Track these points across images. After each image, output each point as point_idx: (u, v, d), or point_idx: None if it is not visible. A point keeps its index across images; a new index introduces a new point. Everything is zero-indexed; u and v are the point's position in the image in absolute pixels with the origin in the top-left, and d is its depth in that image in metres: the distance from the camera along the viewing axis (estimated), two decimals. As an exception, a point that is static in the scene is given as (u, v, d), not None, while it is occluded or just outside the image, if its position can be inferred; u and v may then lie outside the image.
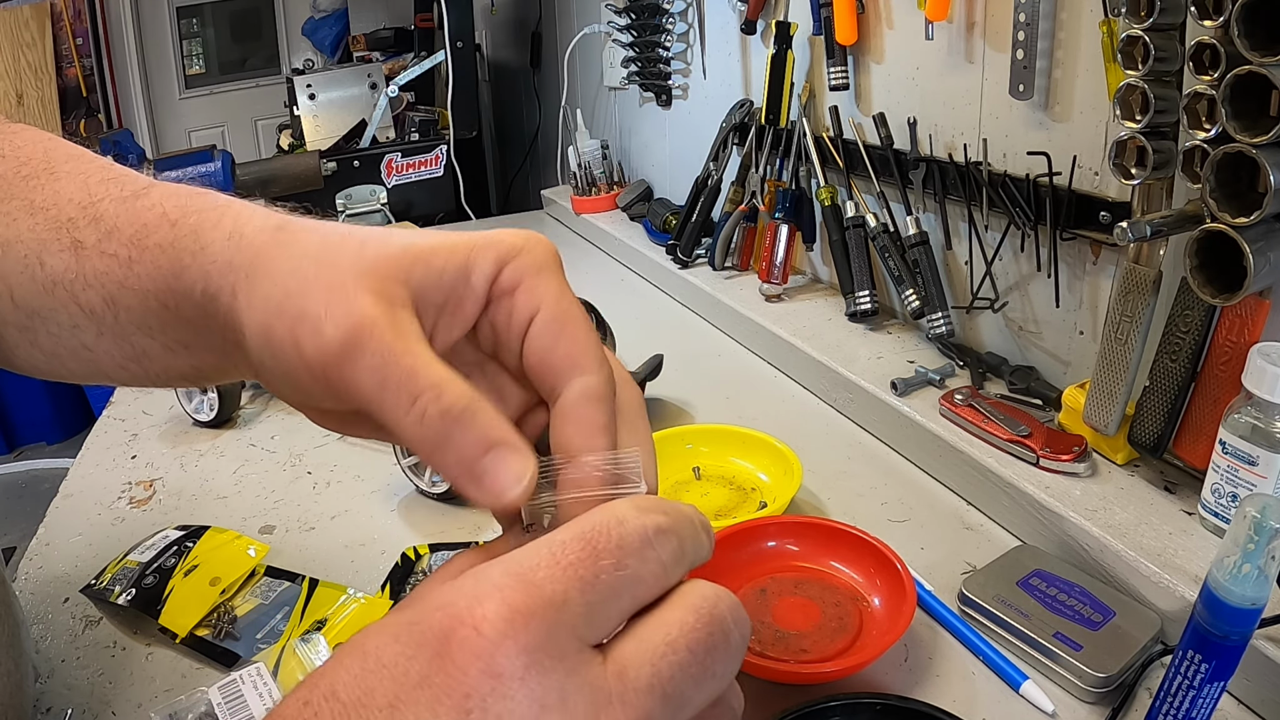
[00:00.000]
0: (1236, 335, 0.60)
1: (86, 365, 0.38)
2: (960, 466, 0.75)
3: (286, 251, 0.32)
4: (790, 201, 1.10)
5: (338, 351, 0.28)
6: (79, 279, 0.35)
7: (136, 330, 0.36)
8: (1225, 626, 0.41)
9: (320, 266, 0.30)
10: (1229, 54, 0.52)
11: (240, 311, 0.31)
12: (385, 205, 1.82)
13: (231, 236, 0.33)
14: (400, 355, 0.28)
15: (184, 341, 0.36)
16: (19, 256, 0.36)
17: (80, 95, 3.04)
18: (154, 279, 0.34)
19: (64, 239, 0.36)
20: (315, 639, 0.61)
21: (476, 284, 0.32)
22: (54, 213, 0.36)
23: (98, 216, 0.36)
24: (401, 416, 0.28)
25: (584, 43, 1.74)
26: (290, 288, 0.30)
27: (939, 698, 0.54)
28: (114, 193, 0.36)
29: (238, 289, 0.32)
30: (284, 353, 0.30)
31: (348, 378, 0.29)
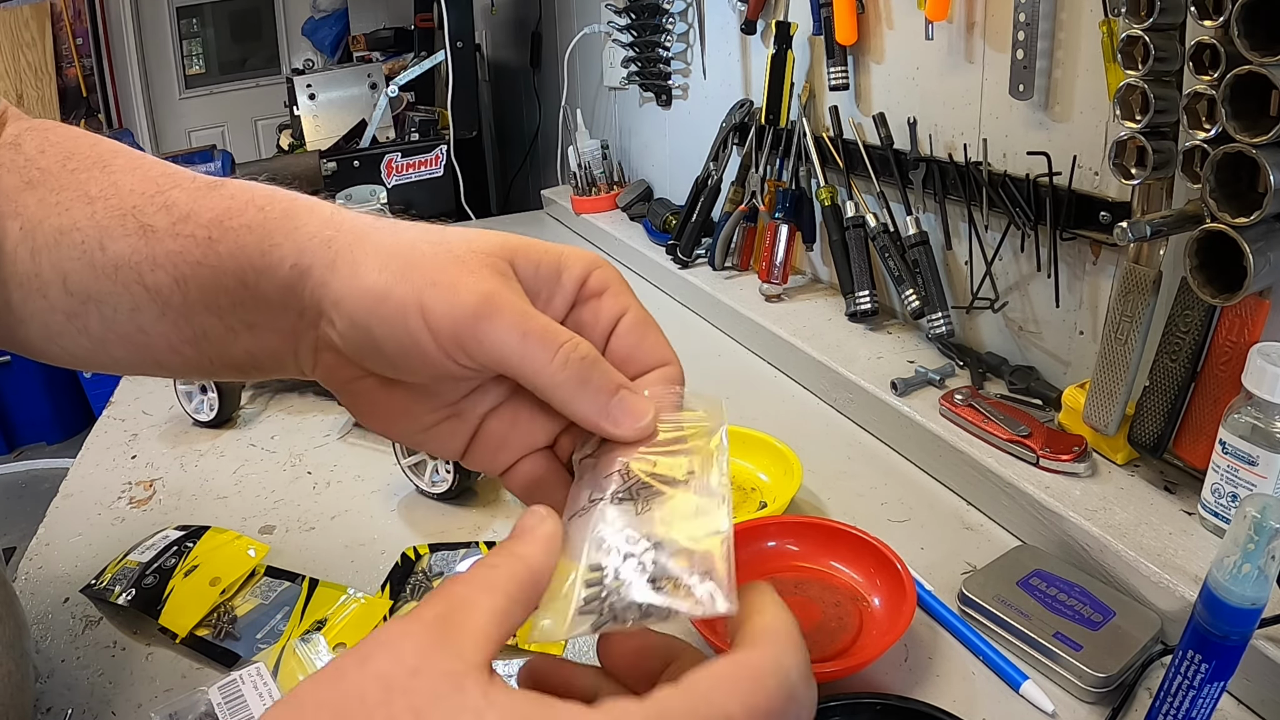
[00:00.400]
0: (1236, 335, 0.60)
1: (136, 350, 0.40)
2: (960, 466, 0.75)
3: (393, 235, 0.34)
4: (790, 201, 1.10)
5: (475, 311, 0.31)
6: (147, 260, 0.37)
7: (204, 310, 0.37)
8: (1225, 626, 0.41)
9: (434, 246, 0.33)
10: (1229, 54, 0.52)
11: (341, 282, 0.33)
12: (385, 205, 1.81)
13: (330, 221, 0.35)
14: (535, 314, 0.32)
15: (250, 322, 0.37)
16: (76, 243, 0.38)
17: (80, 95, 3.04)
18: (236, 257, 0.36)
19: (129, 224, 0.37)
20: (315, 639, 0.61)
21: (567, 283, 0.36)
22: (114, 202, 0.38)
23: (168, 204, 0.37)
24: (546, 363, 0.31)
25: (584, 43, 1.74)
26: (411, 260, 0.33)
27: (939, 698, 0.54)
28: (183, 183, 0.39)
29: (338, 262, 0.34)
30: (401, 319, 0.32)
31: (484, 335, 0.31)
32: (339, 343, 0.34)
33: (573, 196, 1.66)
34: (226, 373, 0.40)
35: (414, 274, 0.32)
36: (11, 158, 0.41)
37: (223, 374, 0.41)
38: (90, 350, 0.40)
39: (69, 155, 0.41)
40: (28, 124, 0.43)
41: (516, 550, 0.29)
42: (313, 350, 0.37)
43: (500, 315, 0.32)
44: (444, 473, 0.77)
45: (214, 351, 0.39)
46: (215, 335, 0.38)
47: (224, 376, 0.42)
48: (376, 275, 0.33)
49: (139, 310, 0.38)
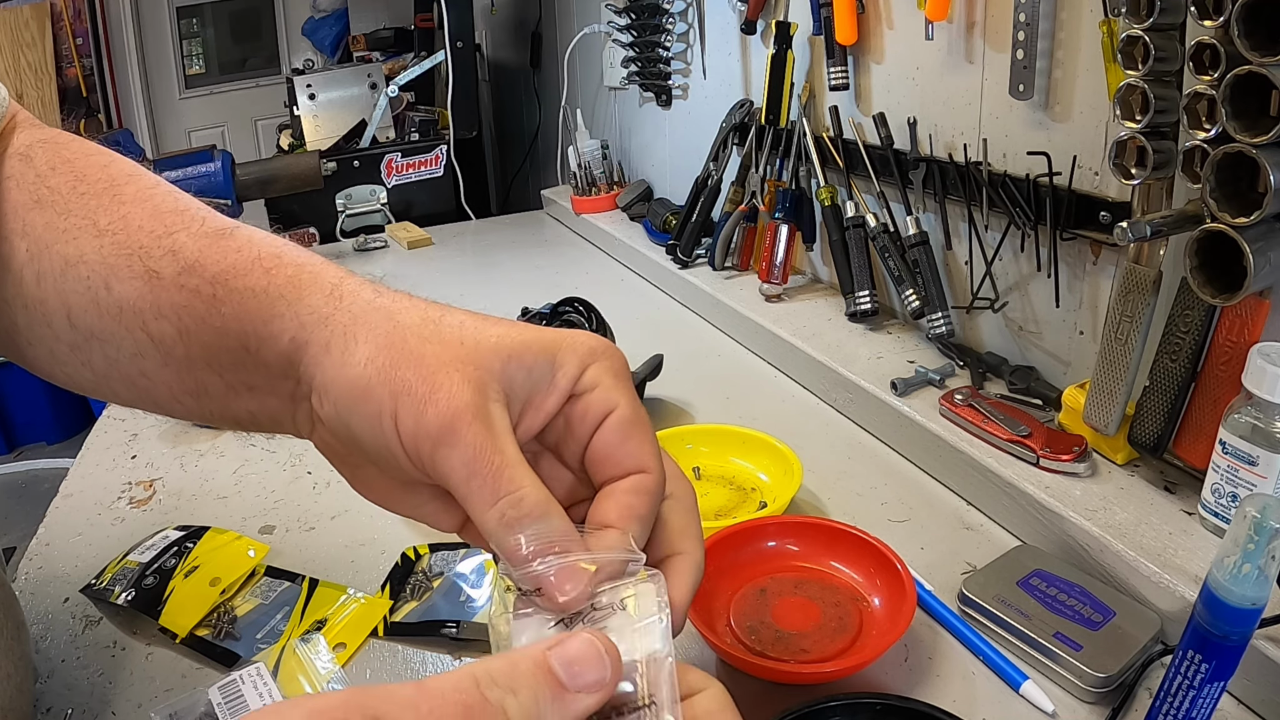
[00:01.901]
0: (1236, 335, 0.60)
1: (138, 392, 0.39)
2: (960, 466, 0.75)
3: (389, 321, 0.34)
4: (790, 201, 1.10)
5: (435, 434, 0.31)
6: (151, 308, 0.36)
7: (205, 366, 0.37)
8: (1225, 626, 0.41)
9: (424, 344, 0.33)
10: (1229, 54, 0.52)
11: (330, 367, 0.33)
12: (385, 205, 1.82)
13: (332, 294, 0.35)
14: (491, 453, 0.31)
15: (250, 384, 0.37)
16: (81, 277, 0.37)
17: (80, 95, 3.04)
18: (240, 320, 0.35)
19: (136, 266, 0.36)
20: (315, 639, 0.61)
21: (561, 382, 0.35)
22: (122, 238, 0.37)
23: (174, 249, 0.37)
24: (484, 509, 0.31)
25: (584, 43, 1.74)
26: (398, 357, 0.33)
27: (939, 698, 0.54)
28: (191, 226, 0.38)
29: (331, 344, 0.34)
30: (376, 419, 0.32)
31: (440, 459, 0.31)
32: (325, 424, 0.35)
33: (573, 196, 1.66)
34: (230, 425, 0.40)
35: (395, 375, 0.32)
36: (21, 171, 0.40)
37: (226, 426, 0.40)
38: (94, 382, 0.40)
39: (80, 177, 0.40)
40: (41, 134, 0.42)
41: None
42: (309, 418, 0.37)
43: (456, 447, 0.31)
44: (444, 473, 0.76)
45: (215, 406, 0.38)
46: (216, 392, 0.38)
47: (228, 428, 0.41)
48: (362, 369, 0.33)
49: (142, 356, 0.38)
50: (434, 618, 0.62)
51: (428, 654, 0.61)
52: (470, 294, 1.36)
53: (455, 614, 0.62)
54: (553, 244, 1.65)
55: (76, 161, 0.41)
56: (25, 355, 0.41)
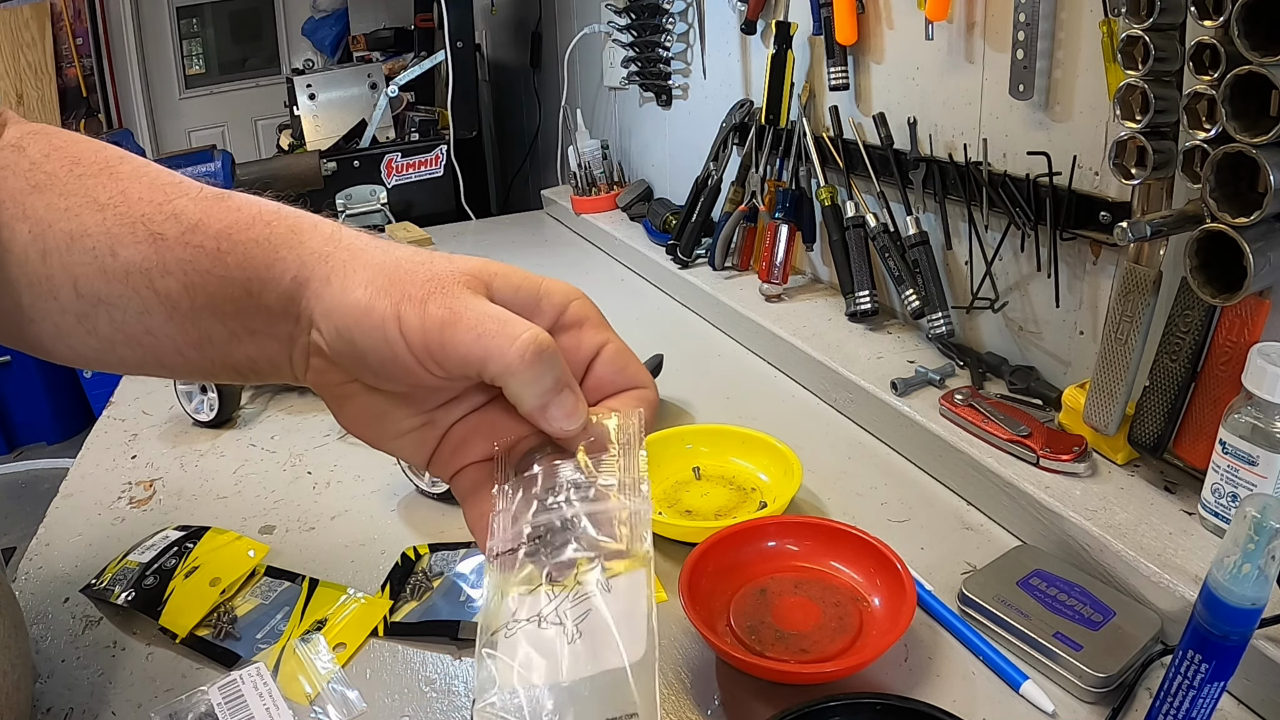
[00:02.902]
0: (1236, 335, 0.60)
1: (143, 351, 0.42)
2: (960, 466, 0.75)
3: (383, 253, 0.37)
4: (790, 201, 1.10)
5: (440, 321, 0.34)
6: (157, 266, 0.39)
7: (210, 315, 0.39)
8: (1225, 626, 0.41)
9: (417, 265, 0.36)
10: (1229, 54, 0.52)
11: (331, 295, 0.36)
12: (385, 205, 1.82)
13: (331, 237, 0.39)
14: (495, 313, 0.35)
15: (251, 328, 0.39)
16: (87, 249, 0.40)
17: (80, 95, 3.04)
18: (244, 268, 0.38)
19: (139, 232, 0.39)
20: (315, 639, 0.61)
21: (546, 308, 0.38)
22: (123, 209, 0.40)
23: (176, 213, 0.39)
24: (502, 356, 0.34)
25: (584, 43, 1.74)
26: (394, 277, 0.36)
27: (939, 698, 0.54)
28: (189, 193, 0.41)
29: (332, 276, 0.37)
30: (380, 328, 0.35)
31: (447, 340, 0.34)
32: (327, 350, 0.37)
33: (573, 196, 1.66)
34: (226, 375, 0.42)
35: (394, 289, 0.35)
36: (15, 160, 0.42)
37: (223, 376, 0.42)
38: (98, 350, 0.42)
39: (75, 160, 0.42)
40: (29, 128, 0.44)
41: None
42: (305, 356, 0.39)
43: (461, 322, 0.34)
44: (444, 473, 0.77)
45: (216, 354, 0.41)
46: (219, 339, 0.40)
47: (224, 379, 0.43)
48: (362, 291, 0.36)
49: (147, 313, 0.40)
50: (434, 618, 0.62)
51: (428, 654, 0.61)
52: (470, 294, 1.36)
53: (455, 614, 0.62)
54: (553, 244, 1.65)
55: (68, 147, 0.43)
56: (25, 334, 0.43)
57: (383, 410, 0.39)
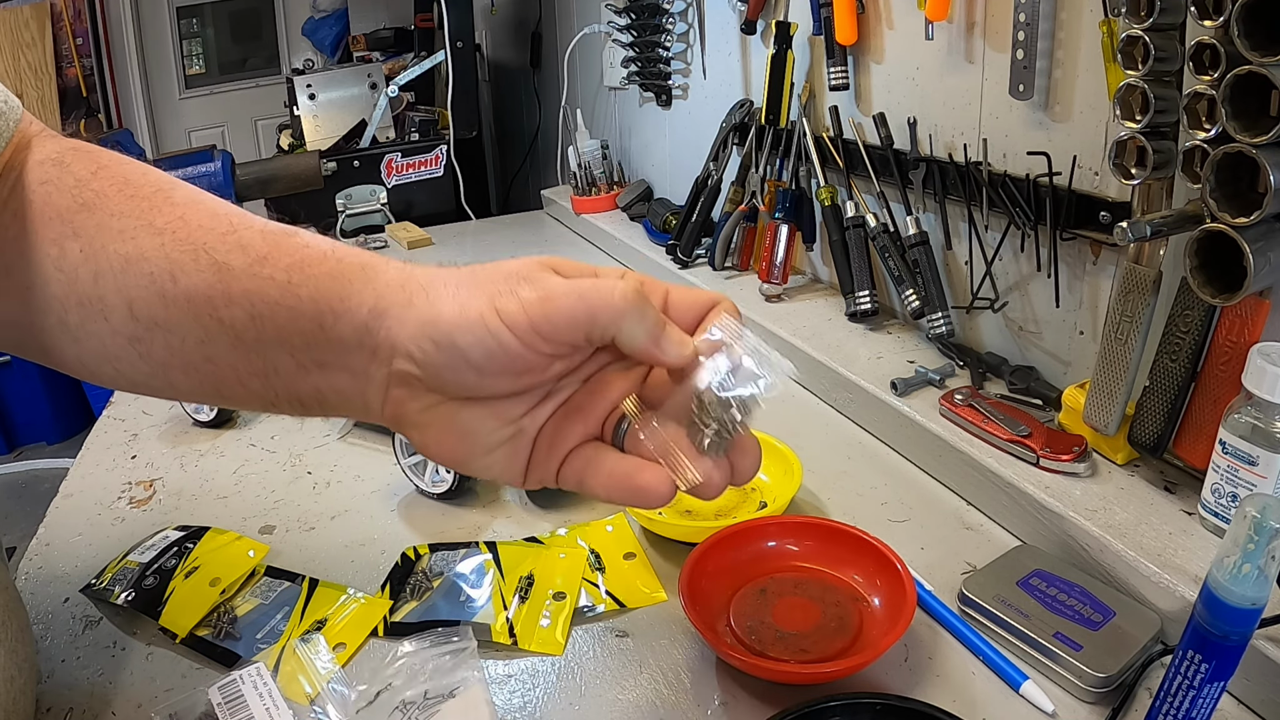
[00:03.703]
0: (1236, 335, 0.60)
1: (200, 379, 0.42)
2: (960, 466, 0.75)
3: (458, 273, 0.39)
4: (790, 201, 1.10)
5: (539, 299, 0.37)
6: (222, 295, 0.39)
7: (277, 345, 0.40)
8: (1225, 626, 0.41)
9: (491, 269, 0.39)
10: (1229, 54, 0.52)
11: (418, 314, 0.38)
12: (385, 205, 1.82)
13: (404, 269, 0.40)
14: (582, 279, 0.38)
15: (322, 361, 0.40)
16: (144, 272, 0.40)
17: (80, 95, 3.04)
18: (316, 301, 0.39)
19: (202, 260, 0.40)
20: (315, 639, 0.61)
21: None
22: (183, 235, 0.40)
23: (243, 244, 0.40)
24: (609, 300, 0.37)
25: (584, 43, 1.74)
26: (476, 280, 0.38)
27: (939, 698, 0.54)
28: (252, 226, 0.41)
29: (414, 299, 0.38)
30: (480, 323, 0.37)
31: (552, 312, 0.36)
32: (418, 370, 0.38)
33: (573, 196, 1.66)
34: (290, 407, 0.42)
35: (479, 291, 0.37)
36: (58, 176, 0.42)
37: (286, 408, 0.43)
38: (148, 375, 0.42)
39: (124, 181, 0.42)
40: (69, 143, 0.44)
41: None
42: (383, 389, 0.40)
43: (558, 291, 0.37)
44: (444, 473, 0.77)
45: (281, 385, 0.41)
46: (285, 370, 0.40)
47: (288, 411, 0.43)
48: (450, 301, 0.38)
49: (209, 341, 0.40)
50: (434, 618, 0.62)
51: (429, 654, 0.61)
52: (470, 294, 1.36)
53: (455, 614, 0.62)
54: (553, 244, 1.65)
55: (114, 167, 0.43)
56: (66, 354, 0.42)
57: (470, 427, 0.40)
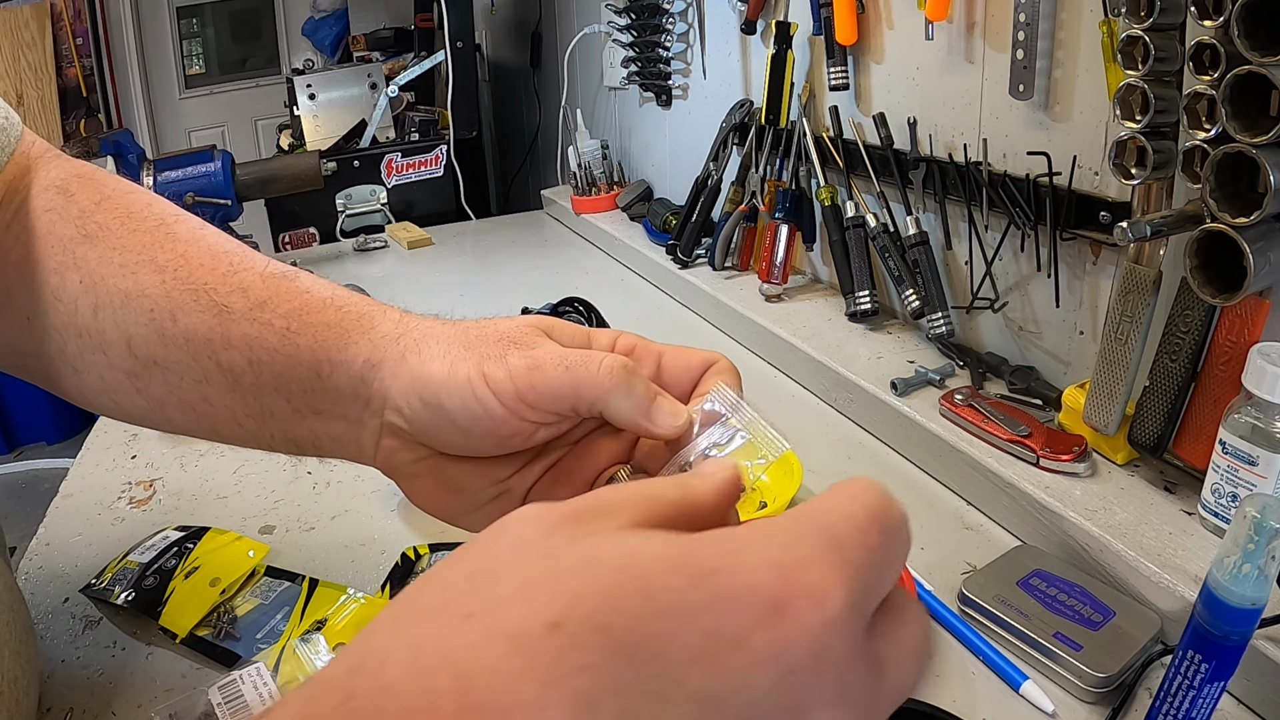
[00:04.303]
0: (1236, 335, 0.60)
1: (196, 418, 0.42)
2: (960, 466, 0.75)
3: (450, 328, 0.39)
4: (790, 201, 1.10)
5: (526, 368, 0.36)
6: (221, 338, 0.39)
7: (274, 391, 0.40)
8: (1225, 626, 0.41)
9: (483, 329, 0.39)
10: (1229, 54, 0.52)
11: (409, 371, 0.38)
12: (385, 205, 1.82)
13: (400, 322, 0.40)
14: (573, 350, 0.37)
15: (317, 408, 0.40)
16: (144, 309, 0.40)
17: (80, 95, 3.04)
18: (314, 350, 0.39)
19: (203, 301, 0.40)
20: (315, 639, 0.61)
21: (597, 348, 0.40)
22: (184, 274, 0.40)
23: (243, 287, 0.40)
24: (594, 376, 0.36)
25: (584, 43, 1.74)
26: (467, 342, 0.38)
27: (939, 698, 0.54)
28: (253, 268, 0.41)
29: (407, 355, 0.38)
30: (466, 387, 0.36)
31: (537, 382, 0.36)
32: (406, 425, 0.38)
33: (573, 196, 1.66)
34: (285, 448, 0.43)
35: (470, 353, 0.37)
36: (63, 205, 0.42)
37: (281, 449, 0.43)
38: (146, 410, 0.42)
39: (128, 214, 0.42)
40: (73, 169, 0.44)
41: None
42: (375, 436, 0.40)
43: (546, 362, 0.36)
44: (444, 473, 0.77)
45: (277, 428, 0.41)
46: (281, 415, 0.40)
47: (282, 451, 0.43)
48: (441, 360, 0.37)
49: (206, 382, 0.40)
50: (434, 618, 0.62)
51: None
52: (470, 294, 1.36)
53: (455, 614, 0.62)
54: (553, 244, 1.65)
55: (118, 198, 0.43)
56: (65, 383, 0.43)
57: (459, 483, 0.40)
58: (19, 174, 0.44)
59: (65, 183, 0.43)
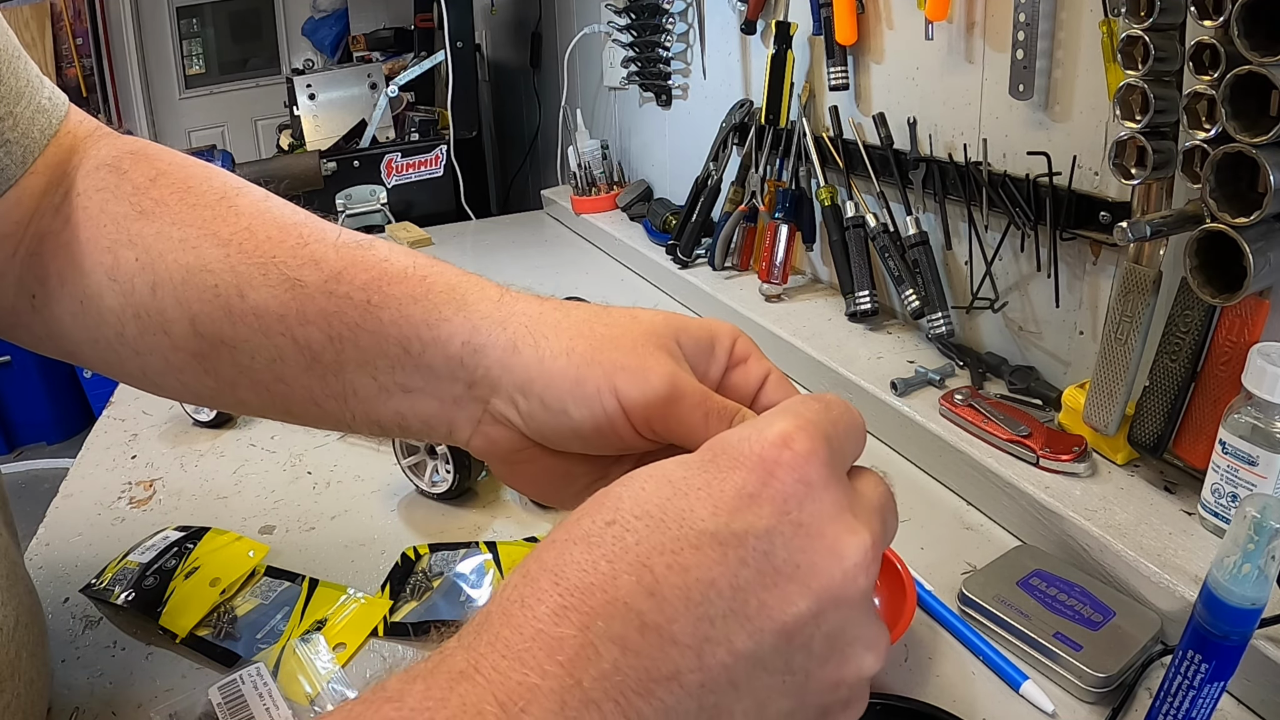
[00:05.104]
0: (1236, 335, 0.60)
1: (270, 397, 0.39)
2: (960, 466, 0.75)
3: (565, 317, 0.37)
4: (790, 201, 1.10)
5: (665, 398, 0.35)
6: (295, 314, 0.37)
7: (357, 369, 0.38)
8: (1225, 626, 0.41)
9: (609, 328, 0.36)
10: (1229, 54, 0.52)
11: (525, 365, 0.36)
12: (385, 205, 1.82)
13: (500, 301, 0.38)
14: (711, 395, 0.36)
15: (408, 386, 0.38)
16: (207, 285, 0.38)
17: (80, 95, 3.04)
18: (400, 325, 0.37)
19: (273, 276, 0.37)
20: (315, 639, 0.61)
21: (720, 354, 0.39)
22: (249, 247, 0.38)
23: (315, 259, 0.38)
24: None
25: (584, 43, 1.74)
26: (594, 342, 0.36)
27: (939, 698, 0.54)
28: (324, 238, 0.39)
29: (519, 345, 0.36)
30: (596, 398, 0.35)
31: (672, 417, 0.35)
32: (519, 421, 0.36)
33: (573, 196, 1.66)
34: (368, 429, 0.41)
35: (600, 358, 0.35)
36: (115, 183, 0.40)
37: (363, 430, 0.41)
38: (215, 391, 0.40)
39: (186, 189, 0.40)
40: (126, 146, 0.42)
41: None
42: (474, 421, 0.38)
43: (685, 399, 0.35)
44: (444, 473, 0.77)
45: (360, 408, 0.39)
46: (366, 394, 0.38)
47: (364, 433, 0.42)
48: (565, 359, 0.35)
49: (281, 361, 0.38)
50: (434, 618, 0.62)
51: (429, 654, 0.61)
52: (470, 294, 1.36)
53: (455, 614, 0.62)
54: (553, 244, 1.65)
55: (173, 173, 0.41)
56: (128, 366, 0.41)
57: (561, 474, 0.39)
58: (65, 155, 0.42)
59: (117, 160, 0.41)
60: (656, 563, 0.25)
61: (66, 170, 0.42)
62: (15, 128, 0.41)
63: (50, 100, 0.43)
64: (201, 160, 0.42)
